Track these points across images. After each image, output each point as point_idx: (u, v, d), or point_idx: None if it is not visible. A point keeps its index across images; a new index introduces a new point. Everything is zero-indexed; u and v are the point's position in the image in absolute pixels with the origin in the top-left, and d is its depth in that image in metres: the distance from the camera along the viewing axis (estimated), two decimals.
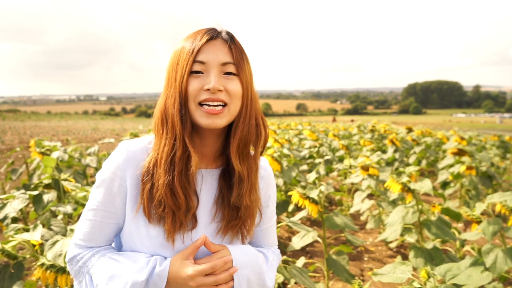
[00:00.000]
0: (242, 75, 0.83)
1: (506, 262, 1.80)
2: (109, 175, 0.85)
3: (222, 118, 0.81)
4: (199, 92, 0.80)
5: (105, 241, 0.88)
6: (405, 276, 1.25)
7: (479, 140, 8.09)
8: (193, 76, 0.81)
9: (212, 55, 0.81)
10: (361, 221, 4.19)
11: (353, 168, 4.32)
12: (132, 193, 0.84)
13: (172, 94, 0.81)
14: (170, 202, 0.80)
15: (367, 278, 2.93)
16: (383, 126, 8.40)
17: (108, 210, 0.85)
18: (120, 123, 34.00)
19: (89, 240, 0.87)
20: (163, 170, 0.80)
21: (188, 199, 0.82)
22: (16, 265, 1.56)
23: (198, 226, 0.86)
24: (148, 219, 0.82)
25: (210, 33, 0.83)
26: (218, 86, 0.79)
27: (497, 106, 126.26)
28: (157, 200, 0.81)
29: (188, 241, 0.84)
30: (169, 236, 0.82)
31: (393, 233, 2.39)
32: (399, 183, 2.40)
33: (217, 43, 0.82)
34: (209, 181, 0.88)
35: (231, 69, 0.82)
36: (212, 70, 0.80)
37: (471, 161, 3.98)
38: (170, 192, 0.80)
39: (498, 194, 2.03)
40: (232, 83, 0.82)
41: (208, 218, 0.87)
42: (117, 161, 0.85)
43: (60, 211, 2.05)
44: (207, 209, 0.87)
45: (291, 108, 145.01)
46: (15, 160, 5.46)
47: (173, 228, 0.81)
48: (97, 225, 0.86)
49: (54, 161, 2.63)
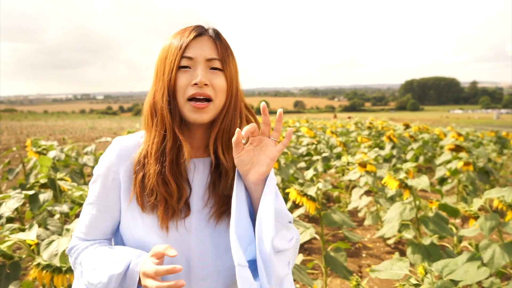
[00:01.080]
0: (227, 70, 0.87)
1: (504, 257, 1.80)
2: (103, 170, 0.88)
3: (208, 113, 0.85)
4: (187, 87, 0.84)
5: (102, 234, 0.91)
6: (402, 272, 1.25)
7: (476, 136, 8.12)
8: (181, 71, 0.84)
9: (199, 51, 0.85)
10: (359, 217, 4.19)
11: (351, 165, 4.32)
12: (125, 185, 0.87)
13: (161, 88, 0.85)
14: (162, 190, 0.83)
15: (365, 275, 2.94)
16: (381, 122, 8.41)
17: (102, 204, 0.88)
18: (117, 122, 33.91)
19: (86, 232, 0.91)
20: (154, 160, 0.84)
21: (180, 187, 0.84)
22: (12, 265, 1.55)
23: (192, 213, 0.87)
24: (142, 208, 0.84)
25: (197, 29, 0.87)
26: (204, 80, 0.83)
27: (494, 102, 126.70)
28: (149, 189, 0.84)
29: (182, 229, 0.85)
30: (162, 223, 0.83)
31: (391, 230, 2.39)
32: (397, 180, 2.40)
33: (203, 40, 0.86)
34: (201, 168, 0.90)
35: (216, 64, 0.86)
36: (199, 65, 0.84)
37: (469, 157, 3.99)
38: (162, 181, 0.83)
39: (495, 189, 2.03)
40: (217, 78, 0.85)
41: (200, 204, 0.88)
42: (111, 156, 0.88)
43: (56, 211, 2.04)
44: (199, 196, 0.89)
45: (289, 106, 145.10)
46: (12, 159, 5.43)
47: (166, 216, 0.83)
48: (93, 218, 0.90)
49: (50, 161, 2.62)
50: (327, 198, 4.91)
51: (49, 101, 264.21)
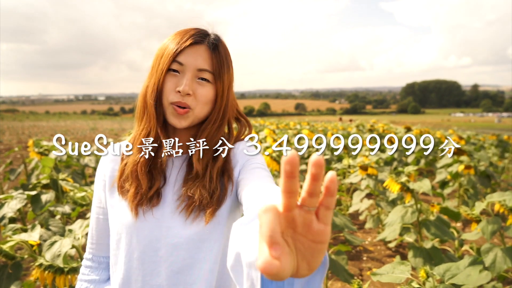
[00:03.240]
0: (218, 82, 0.87)
1: (506, 261, 1.80)
2: (97, 173, 0.96)
3: (186, 120, 0.87)
4: (171, 93, 0.85)
5: (103, 242, 0.95)
6: (404, 276, 1.25)
7: (477, 139, 8.11)
8: (171, 74, 0.86)
9: (191, 59, 0.85)
10: (360, 220, 4.19)
11: (352, 167, 4.32)
12: (109, 182, 0.92)
13: (152, 84, 0.87)
14: (135, 177, 0.87)
15: (366, 278, 2.93)
16: (382, 125, 8.40)
17: (98, 206, 0.94)
18: (118, 123, 33.95)
19: (91, 237, 0.96)
20: (135, 150, 0.88)
21: (152, 178, 0.88)
22: (14, 266, 1.55)
23: (163, 203, 0.88)
24: (121, 195, 0.89)
25: (196, 37, 0.86)
26: (187, 89, 0.84)
27: (495, 106, 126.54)
28: (125, 175, 0.88)
29: (149, 217, 0.86)
30: (131, 207, 0.86)
31: (392, 233, 2.39)
32: (398, 183, 2.40)
33: (199, 49, 0.86)
34: (179, 162, 0.93)
35: (206, 76, 0.86)
36: (187, 73, 0.85)
37: (470, 161, 3.99)
38: (137, 170, 0.87)
39: (497, 193, 2.03)
40: (202, 89, 0.86)
41: (174, 196, 0.89)
42: (102, 159, 0.95)
43: (58, 211, 2.04)
44: (173, 188, 0.90)
45: (290, 108, 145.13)
46: (13, 160, 5.45)
47: (134, 199, 0.86)
48: (94, 222, 0.95)
49: (52, 161, 2.62)
50: None
51: (51, 102, 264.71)
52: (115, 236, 0.89)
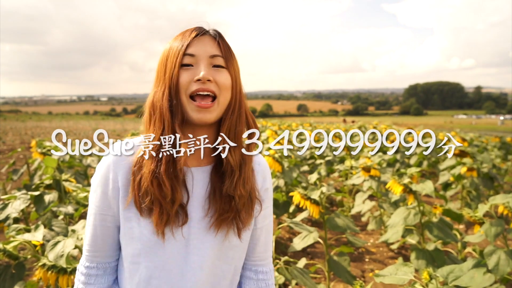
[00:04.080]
0: (231, 68, 0.86)
1: (509, 263, 1.79)
2: (101, 178, 0.85)
3: (212, 113, 0.83)
4: (190, 83, 0.82)
5: (109, 249, 0.89)
6: (407, 277, 1.25)
7: (480, 141, 8.08)
8: (183, 69, 0.83)
9: (201, 48, 0.84)
10: (362, 222, 4.18)
11: (354, 169, 4.31)
12: (123, 192, 0.84)
13: (161, 87, 0.83)
14: (156, 191, 0.79)
15: (369, 280, 2.92)
16: (384, 127, 8.40)
17: (105, 213, 0.86)
18: (121, 123, 34.03)
19: (94, 245, 0.88)
20: (149, 159, 0.80)
21: (174, 190, 0.80)
22: (17, 266, 1.56)
23: (190, 221, 0.84)
24: (140, 212, 0.81)
25: (198, 29, 0.86)
26: (207, 76, 0.81)
27: (499, 108, 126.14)
28: (143, 190, 0.80)
29: (179, 236, 0.82)
30: (158, 229, 0.80)
31: (395, 235, 2.38)
32: (401, 184, 2.39)
33: (205, 38, 0.86)
34: (201, 177, 0.87)
35: (220, 62, 0.85)
36: (202, 62, 0.83)
37: (473, 163, 3.97)
38: (156, 181, 0.79)
39: (500, 195, 2.02)
40: (221, 75, 0.84)
41: (201, 213, 0.85)
42: (109, 163, 0.85)
43: (61, 212, 2.05)
44: (199, 204, 0.86)
45: (292, 109, 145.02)
46: (16, 160, 5.46)
47: (160, 220, 0.80)
48: (98, 229, 0.87)
49: (55, 162, 2.63)
50: (330, 202, 4.90)
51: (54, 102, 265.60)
52: (132, 251, 0.84)
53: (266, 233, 0.99)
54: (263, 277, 0.98)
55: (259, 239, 0.97)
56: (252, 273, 0.97)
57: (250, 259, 0.98)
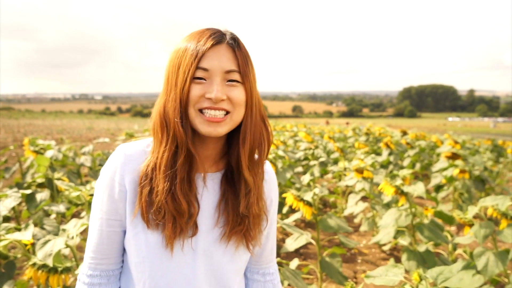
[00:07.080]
0: (246, 83, 0.80)
1: (498, 265, 1.82)
2: (108, 181, 0.82)
3: (223, 127, 0.78)
4: (200, 99, 0.77)
5: (114, 255, 0.86)
6: (397, 278, 1.26)
7: (472, 144, 8.16)
8: (195, 82, 0.77)
9: (216, 62, 0.77)
10: (355, 223, 4.20)
11: (348, 170, 4.34)
12: (131, 198, 0.81)
13: (173, 98, 0.77)
14: (171, 208, 0.77)
15: (360, 280, 2.94)
16: (378, 129, 8.44)
17: (112, 218, 0.82)
18: (115, 122, 33.83)
19: (99, 251, 0.84)
20: (162, 176, 0.77)
21: (190, 205, 0.79)
22: (7, 265, 1.54)
23: (200, 232, 0.82)
24: (147, 225, 0.79)
25: (215, 37, 0.78)
26: (221, 96, 0.76)
27: (491, 111, 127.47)
28: (156, 207, 0.77)
29: (188, 248, 0.81)
30: (168, 242, 0.78)
31: (386, 236, 2.40)
32: (393, 186, 2.41)
33: (221, 49, 0.78)
34: (211, 185, 0.85)
35: (235, 77, 0.78)
36: (215, 78, 0.77)
37: (465, 165, 4.01)
38: (171, 199, 0.77)
39: (490, 197, 2.05)
40: (235, 91, 0.78)
41: (210, 223, 0.83)
42: (115, 166, 0.82)
43: (53, 210, 2.04)
44: (208, 214, 0.84)
45: (287, 110, 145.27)
46: (9, 158, 5.42)
47: (174, 234, 0.78)
48: (104, 234, 0.83)
49: (47, 160, 2.61)
50: (324, 204, 4.92)
51: (47, 100, 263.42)
52: (136, 259, 0.82)
53: (272, 238, 1.00)
54: (270, 278, 1.00)
55: (266, 244, 0.98)
56: (260, 276, 0.99)
57: (257, 264, 0.99)
